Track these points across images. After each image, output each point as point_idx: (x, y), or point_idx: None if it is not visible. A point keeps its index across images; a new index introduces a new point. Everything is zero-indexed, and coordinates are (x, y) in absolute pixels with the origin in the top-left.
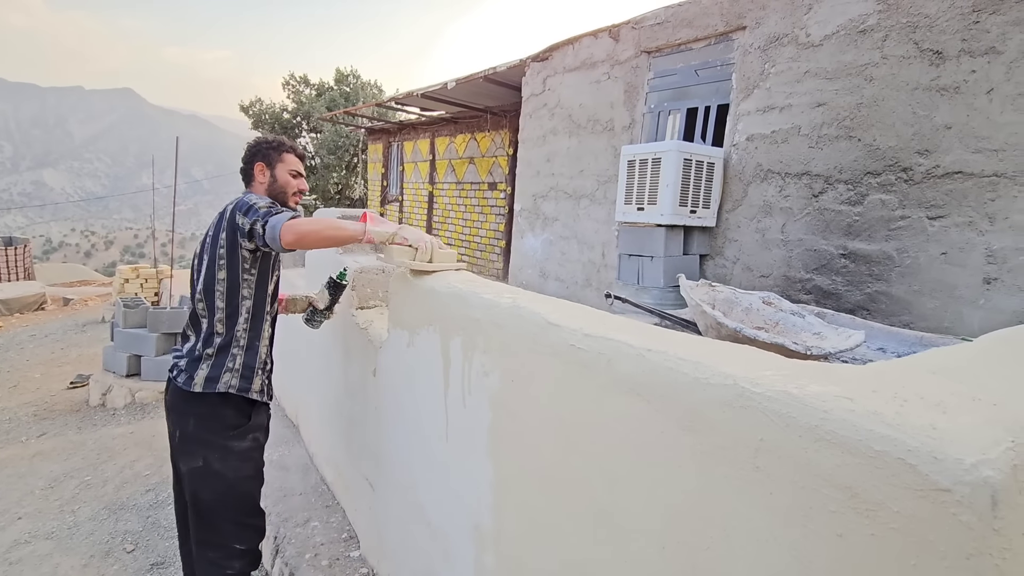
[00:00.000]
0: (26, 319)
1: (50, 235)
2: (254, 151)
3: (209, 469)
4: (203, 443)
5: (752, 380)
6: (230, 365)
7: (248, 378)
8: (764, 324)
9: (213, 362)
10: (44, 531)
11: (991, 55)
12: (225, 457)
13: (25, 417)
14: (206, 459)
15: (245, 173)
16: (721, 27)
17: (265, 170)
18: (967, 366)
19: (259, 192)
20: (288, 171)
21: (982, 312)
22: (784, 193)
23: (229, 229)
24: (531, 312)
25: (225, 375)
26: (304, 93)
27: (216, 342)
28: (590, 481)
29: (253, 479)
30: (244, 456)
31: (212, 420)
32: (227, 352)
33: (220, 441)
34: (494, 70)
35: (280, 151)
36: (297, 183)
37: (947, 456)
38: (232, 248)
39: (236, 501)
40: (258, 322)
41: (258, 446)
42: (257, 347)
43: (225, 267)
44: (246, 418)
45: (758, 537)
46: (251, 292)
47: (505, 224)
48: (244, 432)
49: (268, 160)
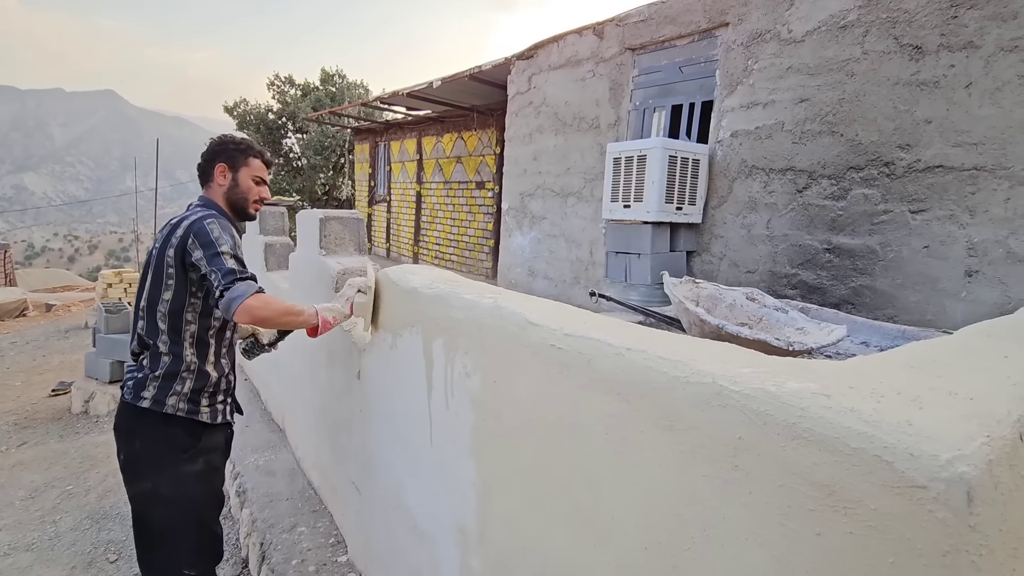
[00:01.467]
0: (7, 326)
1: (32, 240)
2: (217, 150)
3: (157, 494)
4: (152, 466)
5: (730, 378)
6: (178, 389)
7: (196, 402)
8: (748, 320)
9: (160, 384)
10: (25, 542)
11: (969, 49)
12: (176, 481)
13: (5, 426)
14: (155, 483)
15: (204, 172)
16: (704, 24)
17: (227, 172)
18: (945, 360)
19: (216, 195)
20: (252, 176)
21: (964, 304)
22: (769, 189)
23: (179, 251)
24: (512, 312)
25: (171, 398)
26: (289, 93)
27: (163, 365)
28: (572, 482)
29: (206, 503)
30: (196, 478)
31: (160, 442)
32: (176, 377)
33: (170, 464)
34: (479, 68)
35: (246, 154)
36: (259, 190)
37: (923, 452)
38: (180, 270)
39: (187, 526)
40: (204, 347)
41: (212, 468)
42: (207, 371)
43: (172, 288)
44: (196, 439)
45: (738, 536)
46: (195, 316)
47: (493, 223)
48: (196, 454)
49: (232, 162)
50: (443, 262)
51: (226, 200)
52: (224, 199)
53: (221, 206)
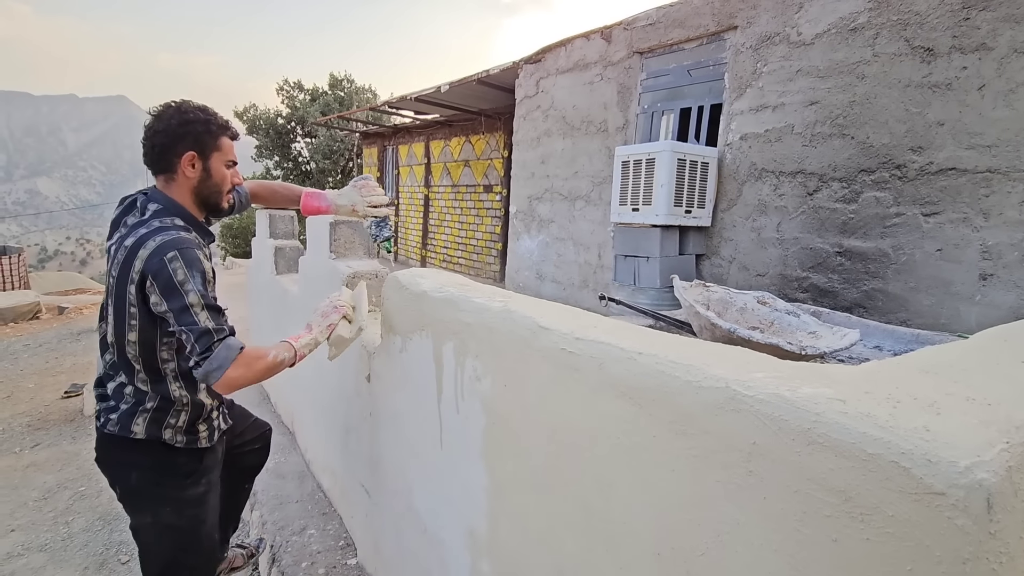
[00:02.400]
0: (20, 328)
1: (45, 244)
2: (180, 132)
3: (160, 523)
4: (152, 497)
5: (744, 383)
6: (172, 422)
7: (193, 432)
8: (759, 324)
9: (151, 417)
10: (38, 543)
11: (982, 51)
12: (180, 508)
13: (19, 428)
14: (156, 513)
15: (161, 158)
16: (713, 27)
17: (197, 162)
18: (961, 365)
19: (182, 191)
20: (224, 162)
21: (979, 308)
22: (779, 192)
23: (139, 289)
24: (522, 316)
25: (167, 431)
26: (298, 98)
27: (149, 399)
28: (583, 486)
29: (210, 524)
30: (199, 501)
31: (159, 470)
32: (168, 411)
33: (173, 492)
34: (487, 73)
35: (217, 135)
36: (232, 174)
37: (941, 459)
38: (144, 310)
39: (195, 549)
40: (192, 381)
41: (212, 484)
42: (200, 402)
43: (137, 328)
44: (198, 461)
45: (753, 542)
46: (172, 354)
47: (501, 226)
48: (198, 476)
49: (202, 148)
50: (451, 265)
51: (195, 195)
52: (192, 194)
53: (184, 205)
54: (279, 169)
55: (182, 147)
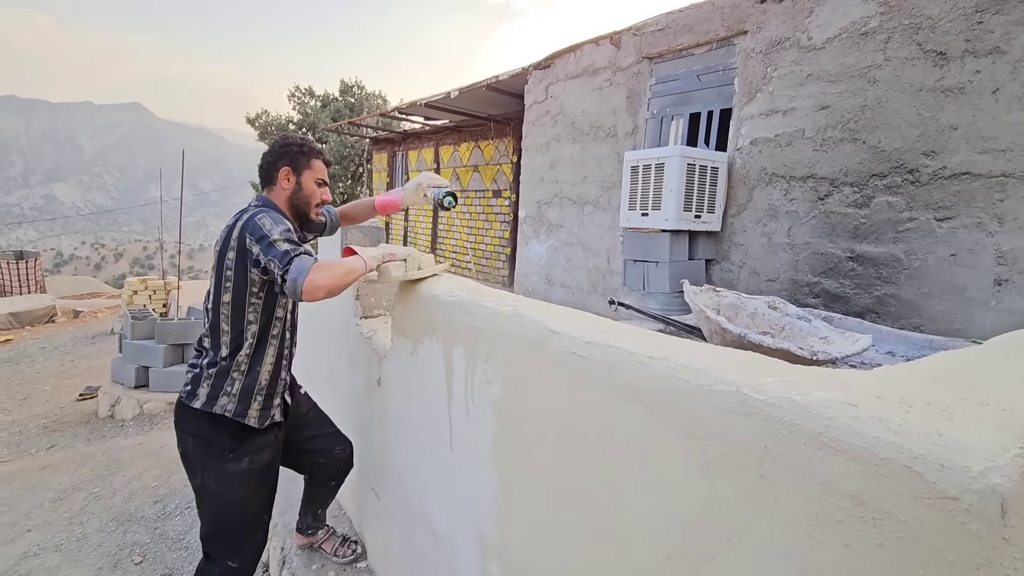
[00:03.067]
0: (37, 331)
1: (61, 248)
2: (280, 152)
3: (206, 489)
4: (200, 464)
5: (755, 387)
6: (228, 389)
7: (245, 403)
8: (770, 329)
9: (212, 383)
10: (53, 543)
11: (996, 55)
12: (221, 479)
13: (35, 429)
14: (203, 479)
15: (266, 174)
16: (722, 32)
17: (291, 176)
18: (975, 370)
19: (279, 199)
20: (315, 179)
21: (993, 314)
22: (789, 196)
23: (238, 250)
24: (532, 320)
25: (222, 398)
26: (309, 104)
27: (218, 364)
28: (594, 490)
29: (249, 501)
30: (239, 478)
31: (208, 442)
32: (226, 376)
33: (216, 463)
34: (496, 79)
35: (309, 157)
36: (321, 192)
37: (954, 463)
38: (240, 271)
39: (231, 521)
40: (263, 347)
41: (256, 468)
42: (258, 372)
43: (231, 289)
44: (241, 442)
45: (764, 546)
46: (257, 316)
47: (510, 231)
48: (240, 455)
49: (295, 165)
50: (460, 270)
51: (289, 204)
52: (287, 203)
53: (282, 209)
54: None
55: (280, 164)
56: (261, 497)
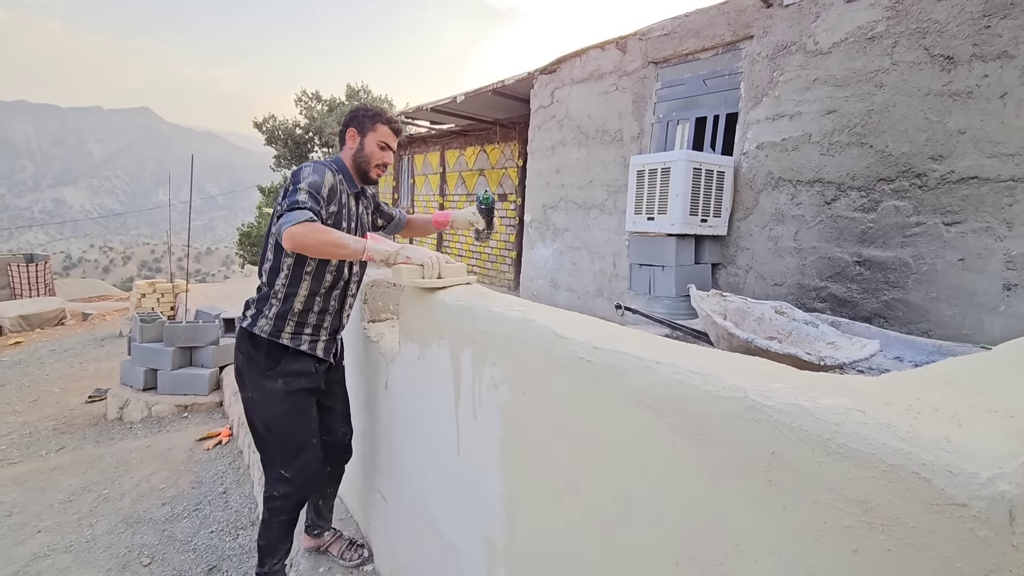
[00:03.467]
0: (46, 334)
1: (70, 251)
2: (351, 116)
3: (252, 401)
4: (248, 378)
5: (762, 393)
6: (266, 312)
7: (279, 326)
8: (777, 334)
9: (257, 308)
10: (63, 544)
11: (1003, 59)
12: (261, 394)
13: (45, 431)
14: (250, 393)
15: (340, 136)
16: (728, 36)
17: (356, 136)
18: (983, 376)
19: (346, 157)
20: (377, 142)
21: (1003, 319)
22: (796, 201)
23: (285, 188)
24: (540, 325)
25: (260, 320)
26: (316, 109)
27: (261, 291)
28: (601, 495)
29: (286, 418)
30: (275, 396)
31: (250, 360)
32: (266, 302)
33: (256, 379)
34: (502, 83)
35: (375, 120)
36: (382, 155)
37: (962, 470)
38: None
39: (274, 435)
40: (297, 280)
41: (291, 390)
42: (292, 301)
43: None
44: (275, 362)
45: (772, 552)
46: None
47: (516, 235)
48: (274, 375)
49: (361, 127)
50: None
51: (352, 161)
52: (351, 160)
53: (348, 166)
54: None
55: (349, 125)
56: (297, 419)
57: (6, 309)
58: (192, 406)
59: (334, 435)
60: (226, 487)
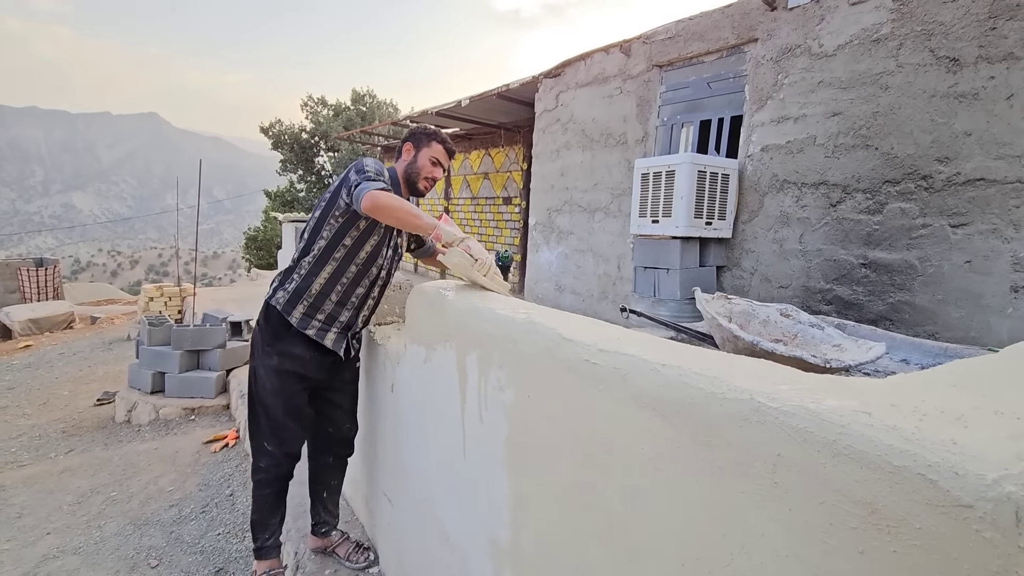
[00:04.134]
0: (55, 337)
1: (78, 255)
2: (410, 133)
3: (252, 371)
4: (255, 348)
5: (768, 395)
6: (286, 286)
7: (293, 303)
8: (782, 336)
9: (280, 281)
10: (72, 546)
11: (1010, 61)
12: (259, 365)
13: (54, 434)
14: (254, 363)
15: (397, 151)
16: (732, 40)
17: (412, 150)
18: (990, 378)
19: (400, 167)
20: (430, 157)
21: (1010, 321)
22: (801, 203)
23: (342, 179)
24: (545, 327)
25: (279, 292)
26: (322, 113)
27: (287, 268)
28: (607, 496)
29: (272, 396)
30: (267, 370)
31: (260, 330)
32: (289, 276)
33: (258, 350)
34: (507, 87)
35: (431, 139)
36: (433, 170)
37: (968, 471)
38: (334, 195)
39: (266, 406)
40: (322, 262)
41: (282, 370)
42: (312, 280)
43: (321, 208)
44: (277, 338)
45: (778, 554)
46: (330, 234)
47: (520, 238)
48: (273, 350)
49: (418, 143)
50: None
51: (404, 172)
52: (403, 171)
53: (398, 178)
54: (303, 183)
55: (407, 140)
56: (283, 399)
57: (16, 313)
58: (199, 409)
59: (340, 429)
60: (233, 489)
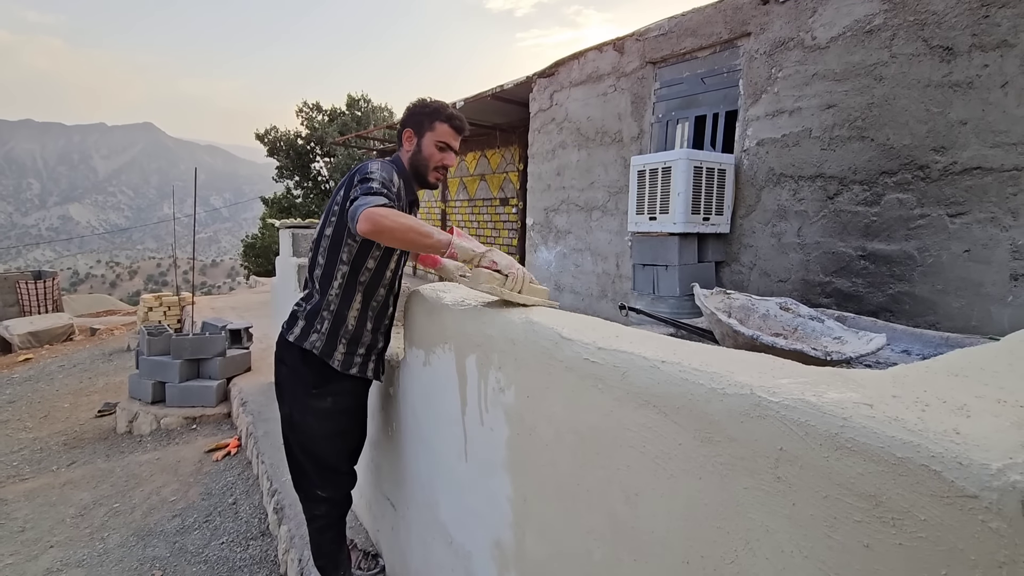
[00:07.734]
0: (55, 350)
1: (77, 267)
2: (407, 116)
3: (292, 419)
4: (289, 394)
5: (769, 389)
6: (318, 327)
7: (332, 344)
8: (782, 330)
9: (306, 320)
10: (75, 559)
11: (1003, 48)
12: (304, 412)
13: (56, 446)
14: (290, 409)
15: (397, 137)
16: (725, 35)
17: (412, 137)
18: (992, 367)
19: (404, 159)
20: (436, 142)
21: (1011, 309)
22: (798, 196)
23: (347, 187)
24: (544, 327)
25: (312, 335)
26: (317, 119)
27: (312, 301)
28: (610, 495)
29: (331, 438)
30: (321, 415)
31: (296, 375)
32: (318, 315)
33: (301, 396)
34: (501, 88)
35: (433, 119)
36: (442, 157)
37: (972, 461)
38: (344, 208)
39: (315, 454)
40: (351, 292)
41: (339, 409)
42: (346, 316)
43: (334, 224)
44: (325, 380)
45: (783, 548)
46: (350, 257)
47: (518, 239)
48: (323, 393)
49: (418, 127)
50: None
51: (410, 165)
52: (409, 164)
53: (406, 168)
54: (299, 188)
55: (406, 125)
56: (339, 442)
57: (15, 326)
58: (200, 418)
59: None
60: (236, 498)
